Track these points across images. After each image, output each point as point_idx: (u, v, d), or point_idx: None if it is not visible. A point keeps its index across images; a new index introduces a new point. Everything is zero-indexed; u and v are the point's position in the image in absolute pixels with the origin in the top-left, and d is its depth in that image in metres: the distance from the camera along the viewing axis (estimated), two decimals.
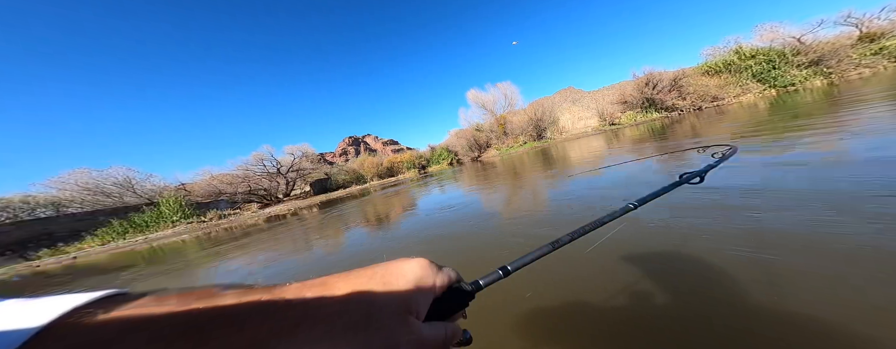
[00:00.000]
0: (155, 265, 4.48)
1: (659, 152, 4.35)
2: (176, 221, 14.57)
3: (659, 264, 1.26)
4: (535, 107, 28.02)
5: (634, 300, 1.06)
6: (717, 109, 15.40)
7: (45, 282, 5.46)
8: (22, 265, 10.55)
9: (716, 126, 7.16)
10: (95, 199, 18.44)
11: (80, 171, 18.70)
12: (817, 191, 1.64)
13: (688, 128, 8.16)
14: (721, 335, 0.83)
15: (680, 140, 5.64)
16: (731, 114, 9.92)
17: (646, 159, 3.57)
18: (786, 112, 6.46)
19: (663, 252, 1.34)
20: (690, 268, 1.19)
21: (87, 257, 9.48)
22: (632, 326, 0.95)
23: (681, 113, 20.80)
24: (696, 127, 7.90)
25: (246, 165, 20.69)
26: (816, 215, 1.36)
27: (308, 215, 7.59)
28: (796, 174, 2.00)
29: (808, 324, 0.80)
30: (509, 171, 6.94)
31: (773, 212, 1.49)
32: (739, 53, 22.17)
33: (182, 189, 19.99)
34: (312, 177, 23.96)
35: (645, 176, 2.97)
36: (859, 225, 1.20)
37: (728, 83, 21.76)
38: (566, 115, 35.60)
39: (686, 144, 4.65)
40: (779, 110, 7.36)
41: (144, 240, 11.68)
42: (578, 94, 48.50)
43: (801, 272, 1.00)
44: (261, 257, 3.31)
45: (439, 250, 2.16)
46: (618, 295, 1.10)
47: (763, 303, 0.90)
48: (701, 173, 0.63)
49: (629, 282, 1.16)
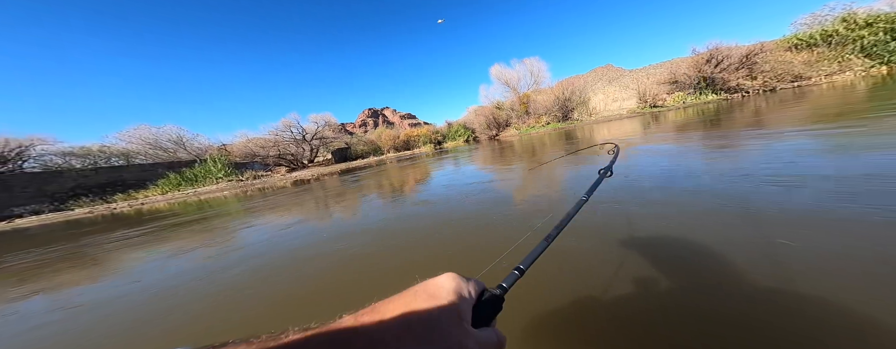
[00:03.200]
0: (205, 213, 5.48)
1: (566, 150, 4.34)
2: (219, 178, 16.45)
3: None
4: (563, 85, 26.60)
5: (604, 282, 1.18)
6: (797, 91, 13.10)
7: (123, 224, 6.77)
8: (103, 206, 12.75)
9: (778, 112, 5.91)
10: (155, 153, 21.03)
11: (142, 127, 21.19)
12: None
13: (745, 113, 6.93)
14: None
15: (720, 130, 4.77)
16: (814, 96, 8.13)
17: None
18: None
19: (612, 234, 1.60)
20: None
21: (151, 204, 11.28)
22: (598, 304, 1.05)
23: (746, 94, 18.46)
24: (753, 113, 6.65)
25: (276, 131, 22.18)
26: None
27: (330, 182, 8.42)
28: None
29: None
30: (516, 152, 7.14)
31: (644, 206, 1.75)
32: (849, 21, 17.70)
33: (224, 149, 22.07)
34: (334, 145, 25.26)
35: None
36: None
37: (821, 59, 17.87)
38: (599, 96, 33.44)
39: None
40: (883, 92, 5.94)
41: (194, 193, 13.48)
42: (617, 73, 44.77)
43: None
44: (291, 219, 4.01)
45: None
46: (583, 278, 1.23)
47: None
48: (609, 167, 0.92)
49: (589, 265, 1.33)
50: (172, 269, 2.40)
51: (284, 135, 22.32)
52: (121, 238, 4.33)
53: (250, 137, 22.63)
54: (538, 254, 0.41)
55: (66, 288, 2.34)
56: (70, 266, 3.08)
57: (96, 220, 7.99)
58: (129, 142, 20.61)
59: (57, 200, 14.44)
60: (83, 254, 3.64)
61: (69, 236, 5.45)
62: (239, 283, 1.86)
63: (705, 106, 15.01)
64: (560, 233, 0.48)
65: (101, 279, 2.47)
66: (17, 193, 14.15)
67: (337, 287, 1.63)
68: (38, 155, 17.23)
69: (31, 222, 10.62)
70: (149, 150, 20.95)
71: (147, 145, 20.88)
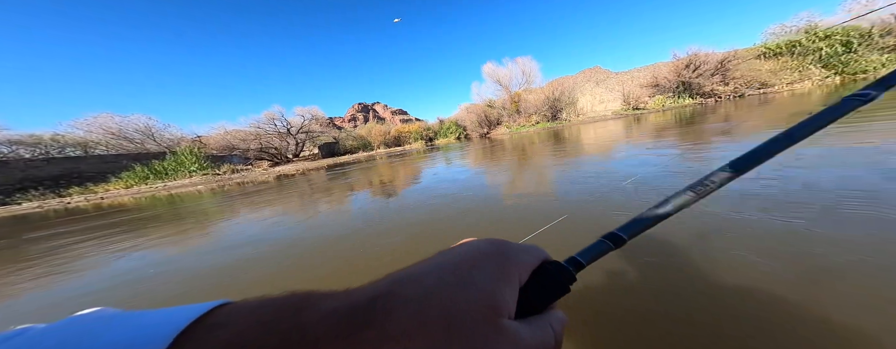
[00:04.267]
0: (176, 209, 4.89)
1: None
2: (193, 171, 15.32)
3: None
4: (554, 85, 26.91)
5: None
6: (762, 97, 14.17)
7: (84, 218, 5.99)
8: (55, 200, 11.49)
9: (748, 113, 6.91)
10: (119, 144, 19.37)
11: (104, 116, 19.44)
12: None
13: (720, 116, 7.69)
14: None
15: (702, 128, 5.43)
16: (776, 103, 9.12)
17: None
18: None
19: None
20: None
21: (113, 198, 10.24)
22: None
23: (718, 99, 19.40)
24: (730, 115, 7.47)
25: (258, 123, 21.06)
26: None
27: (316, 177, 7.90)
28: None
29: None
30: (504, 150, 6.97)
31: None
32: (810, 33, 19.41)
33: (198, 141, 20.69)
34: (321, 140, 24.35)
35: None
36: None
37: (785, 68, 19.50)
38: (586, 97, 34.11)
39: (708, 132, 4.49)
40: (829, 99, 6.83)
41: (164, 187, 12.43)
42: (604, 75, 45.94)
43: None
44: (271, 217, 3.58)
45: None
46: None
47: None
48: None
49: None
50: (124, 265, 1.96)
51: (267, 127, 21.23)
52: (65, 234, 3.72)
53: (229, 130, 21.30)
54: (652, 221, 0.25)
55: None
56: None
57: (47, 215, 7.08)
58: (88, 131, 18.84)
59: (1, 193, 12.90)
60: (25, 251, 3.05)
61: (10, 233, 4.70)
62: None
63: (683, 109, 15.69)
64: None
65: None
66: None
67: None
68: None
69: None
70: (111, 141, 19.24)
71: (109, 135, 19.17)
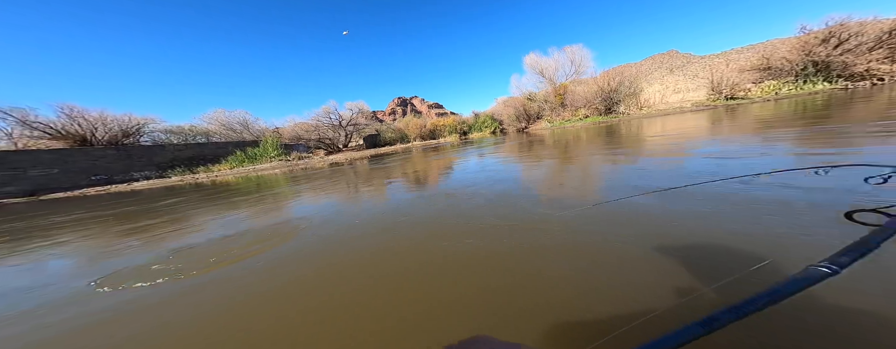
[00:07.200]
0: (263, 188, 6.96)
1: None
2: (273, 158, 19.09)
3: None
4: (610, 75, 24.74)
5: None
6: None
7: (209, 190, 8.67)
8: (189, 176, 15.85)
9: None
10: (227, 134, 24.84)
11: (219, 111, 25.11)
12: None
13: (880, 104, 4.59)
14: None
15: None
16: None
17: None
18: None
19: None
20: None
21: (223, 177, 13.80)
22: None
23: (877, 83, 14.43)
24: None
25: (317, 117, 24.68)
26: None
27: (360, 166, 9.64)
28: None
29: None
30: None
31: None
32: None
33: (276, 132, 25.21)
34: (365, 132, 27.22)
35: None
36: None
37: None
38: (655, 86, 30.60)
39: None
40: None
41: (253, 170, 16.01)
42: (683, 60, 39.79)
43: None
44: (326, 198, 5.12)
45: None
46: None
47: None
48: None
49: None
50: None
51: (324, 120, 24.76)
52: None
53: (297, 122, 25.56)
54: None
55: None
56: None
57: (184, 187, 10.26)
58: (209, 123, 24.62)
59: (161, 169, 18.19)
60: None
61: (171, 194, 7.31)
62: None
63: (809, 97, 11.65)
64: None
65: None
66: (135, 161, 18.08)
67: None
68: (150, 131, 21.58)
69: (143, 186, 13.77)
70: (222, 131, 24.83)
71: (221, 126, 24.75)
